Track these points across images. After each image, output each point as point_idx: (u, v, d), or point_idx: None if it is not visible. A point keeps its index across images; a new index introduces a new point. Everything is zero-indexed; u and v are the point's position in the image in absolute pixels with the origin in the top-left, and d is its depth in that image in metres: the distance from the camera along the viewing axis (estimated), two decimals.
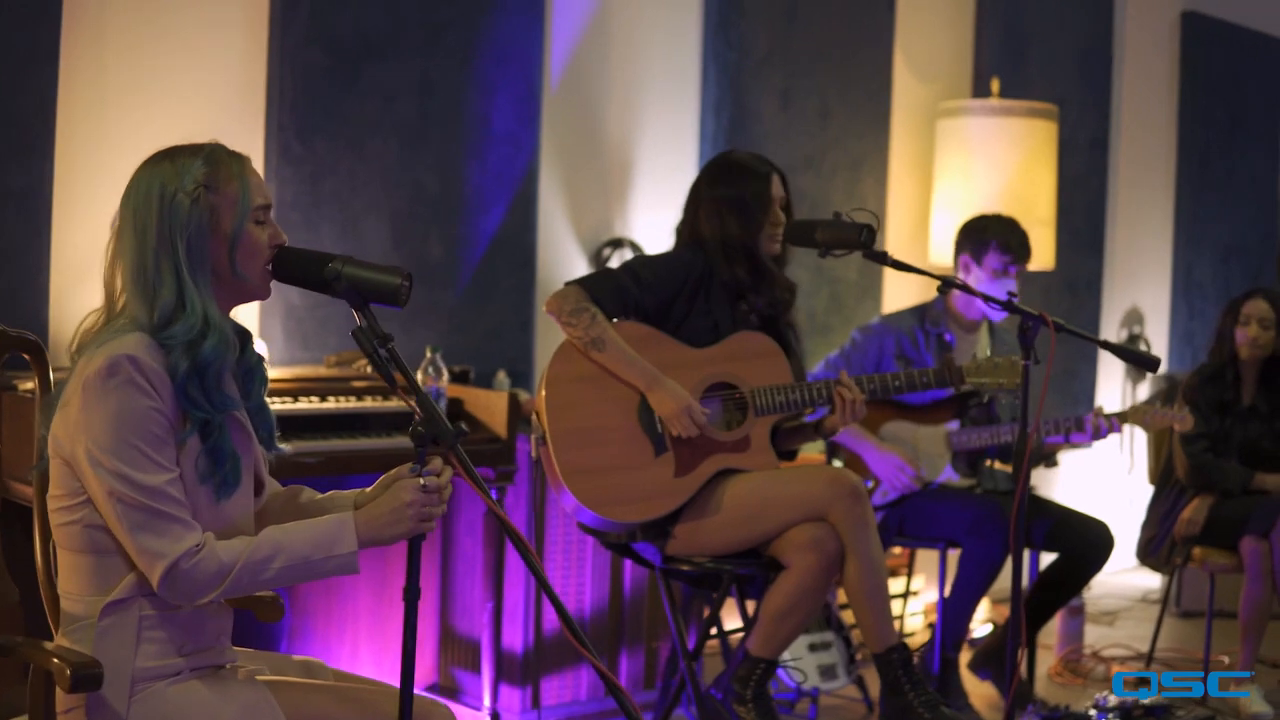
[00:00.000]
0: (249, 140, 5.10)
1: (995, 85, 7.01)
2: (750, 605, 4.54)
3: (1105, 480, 8.12)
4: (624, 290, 4.22)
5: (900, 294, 6.91)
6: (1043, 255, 6.71)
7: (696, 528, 4.15)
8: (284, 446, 3.09)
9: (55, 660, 2.64)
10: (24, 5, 4.56)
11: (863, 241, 4.00)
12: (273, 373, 4.77)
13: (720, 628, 4.69)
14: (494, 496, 4.70)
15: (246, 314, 4.95)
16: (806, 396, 4.20)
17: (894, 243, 7.08)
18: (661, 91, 6.28)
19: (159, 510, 2.67)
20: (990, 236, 5.45)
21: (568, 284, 4.24)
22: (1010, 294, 4.21)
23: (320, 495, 3.09)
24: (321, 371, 4.96)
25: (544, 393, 4.16)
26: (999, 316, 5.47)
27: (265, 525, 2.84)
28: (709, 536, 4.15)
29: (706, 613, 4.54)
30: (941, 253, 6.71)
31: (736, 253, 4.29)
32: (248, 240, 2.83)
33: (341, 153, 5.30)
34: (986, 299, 4.08)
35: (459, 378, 5.17)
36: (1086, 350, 7.73)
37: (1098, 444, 5.55)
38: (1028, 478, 3.87)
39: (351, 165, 5.32)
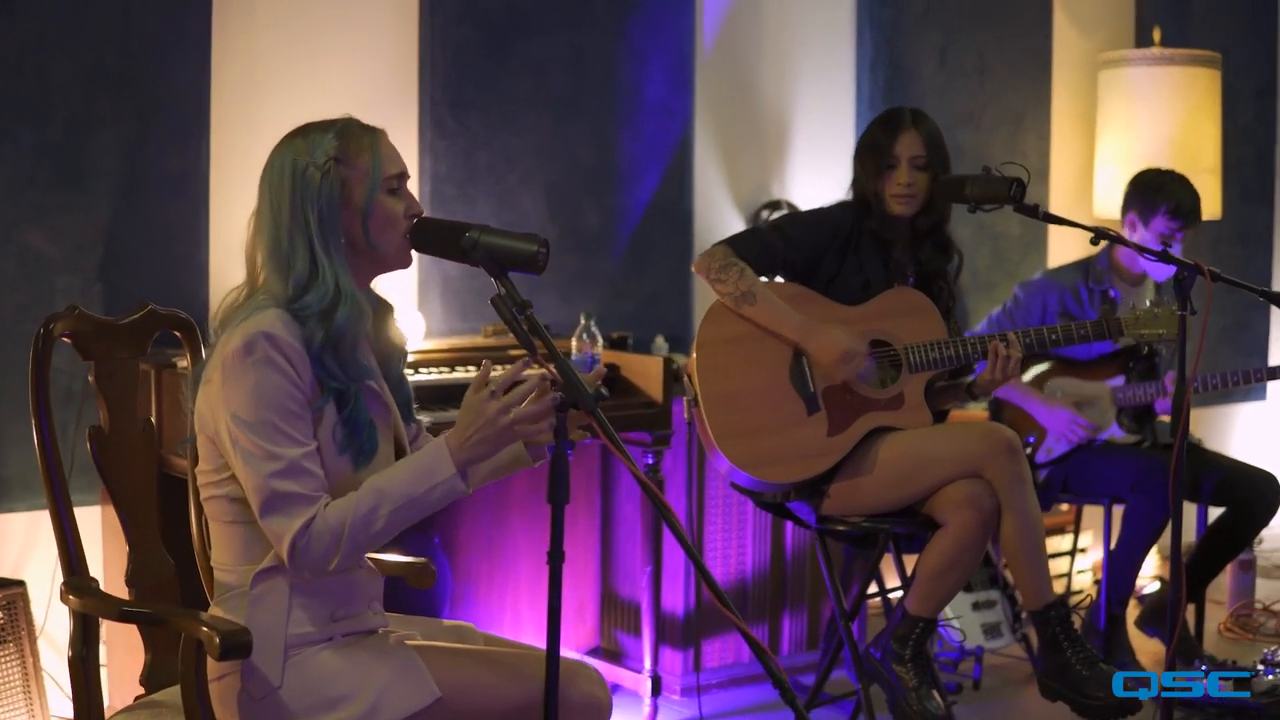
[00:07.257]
0: (402, 117, 5.17)
1: (1157, 34, 6.87)
2: (910, 563, 4.51)
3: None
4: (771, 248, 4.20)
5: (1064, 249, 6.80)
6: (1209, 205, 6.55)
7: (851, 487, 4.11)
8: (422, 418, 3.13)
9: (205, 629, 2.68)
10: None
11: (1012, 195, 3.92)
12: (430, 344, 4.88)
13: (881, 586, 4.67)
14: (649, 461, 4.77)
15: (405, 285, 5.03)
16: (961, 352, 4.14)
17: (1058, 197, 6.98)
18: (816, 52, 6.24)
19: (283, 492, 2.72)
20: (1162, 200, 5.27)
21: (715, 244, 4.24)
22: (1164, 243, 4.10)
23: None
24: (479, 341, 5.02)
25: (695, 355, 4.15)
26: (1163, 275, 5.29)
27: None
28: (864, 496, 4.12)
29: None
30: (1106, 207, 6.60)
31: (867, 205, 4.26)
32: (380, 211, 2.87)
33: (495, 126, 5.36)
34: (1141, 250, 3.99)
35: (618, 344, 5.20)
36: (1260, 301, 7.50)
37: None
38: (1185, 432, 3.79)
39: (505, 138, 5.38)
